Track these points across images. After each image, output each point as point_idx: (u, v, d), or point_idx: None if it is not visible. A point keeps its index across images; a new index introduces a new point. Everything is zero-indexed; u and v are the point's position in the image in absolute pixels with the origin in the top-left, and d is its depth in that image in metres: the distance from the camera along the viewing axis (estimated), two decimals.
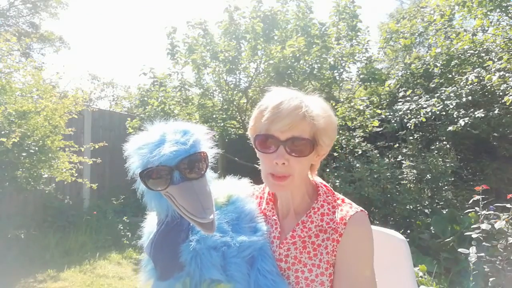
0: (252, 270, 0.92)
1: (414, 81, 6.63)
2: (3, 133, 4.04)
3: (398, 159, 5.32)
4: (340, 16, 5.39)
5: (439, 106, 5.20)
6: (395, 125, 5.73)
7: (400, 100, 5.84)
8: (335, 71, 5.29)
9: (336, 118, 1.01)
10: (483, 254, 2.90)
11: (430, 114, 5.22)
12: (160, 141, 0.82)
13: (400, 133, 5.83)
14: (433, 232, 4.12)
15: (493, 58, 5.45)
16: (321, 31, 5.31)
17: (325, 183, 1.09)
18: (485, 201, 3.19)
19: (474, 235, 3.05)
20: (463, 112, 5.15)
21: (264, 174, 0.99)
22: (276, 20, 5.22)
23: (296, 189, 1.01)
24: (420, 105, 5.37)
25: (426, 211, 4.65)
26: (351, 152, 5.51)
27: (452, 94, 5.25)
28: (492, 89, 5.12)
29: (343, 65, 5.31)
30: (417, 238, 4.18)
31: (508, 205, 3.04)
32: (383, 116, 5.51)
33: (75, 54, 25.60)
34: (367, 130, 5.41)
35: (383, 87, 6.41)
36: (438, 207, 4.69)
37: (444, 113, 5.30)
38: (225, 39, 5.32)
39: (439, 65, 6.00)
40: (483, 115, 4.88)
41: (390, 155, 5.47)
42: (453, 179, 5.05)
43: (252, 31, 5.07)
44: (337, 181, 4.68)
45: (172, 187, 0.82)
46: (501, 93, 4.89)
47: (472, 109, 5.14)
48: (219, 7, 10.88)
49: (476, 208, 3.22)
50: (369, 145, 5.53)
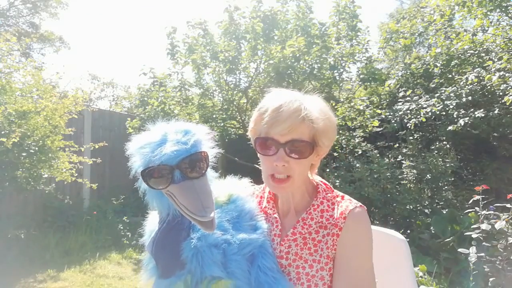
0: (252, 267, 0.93)
1: (414, 81, 6.63)
2: (3, 133, 4.04)
3: (398, 159, 5.32)
4: (340, 16, 5.39)
5: (439, 106, 5.20)
6: (395, 125, 5.73)
7: (400, 100, 5.84)
8: (335, 71, 5.28)
9: (335, 118, 1.01)
10: (483, 254, 2.90)
11: (430, 114, 5.22)
12: (161, 141, 0.84)
13: (400, 133, 5.83)
14: (433, 232, 4.12)
15: (493, 58, 5.45)
16: (321, 31, 5.31)
17: (324, 181, 1.11)
18: (485, 201, 3.19)
19: (474, 235, 3.05)
20: (463, 112, 5.15)
21: (265, 175, 1.01)
22: (276, 20, 5.22)
23: (296, 188, 1.03)
24: (420, 105, 5.37)
25: (426, 211, 4.65)
26: (351, 152, 5.51)
27: (452, 94, 5.26)
28: (492, 89, 5.12)
29: (343, 65, 5.30)
30: (417, 238, 4.18)
31: (508, 205, 3.04)
32: (383, 116, 5.51)
33: (75, 54, 25.62)
34: (367, 130, 5.41)
35: (383, 87, 6.41)
36: (438, 207, 4.69)
37: (444, 113, 5.30)
38: (225, 39, 5.32)
39: (439, 65, 6.00)
40: (483, 115, 4.88)
41: (390, 155, 5.47)
42: (453, 179, 5.05)
43: (252, 31, 5.07)
44: (337, 181, 4.68)
45: (173, 186, 0.82)
46: (501, 93, 4.89)
47: (472, 109, 5.14)
48: (219, 7, 10.88)
49: (476, 208, 3.22)
50: (369, 145, 5.54)
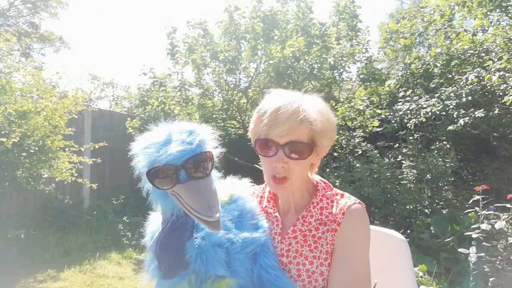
0: (255, 265, 0.94)
1: (414, 81, 6.63)
2: (3, 133, 4.04)
3: (398, 159, 5.32)
4: (340, 16, 5.39)
5: (439, 106, 5.20)
6: (395, 125, 5.73)
7: (400, 100, 5.84)
8: (335, 71, 5.28)
9: (335, 118, 1.02)
10: (483, 254, 2.90)
11: (430, 114, 5.22)
12: (166, 141, 0.84)
13: (400, 133, 5.83)
14: (433, 232, 4.12)
15: (493, 58, 5.45)
16: (321, 31, 5.31)
17: (324, 180, 1.12)
18: (485, 201, 3.19)
19: (474, 235, 3.05)
20: (463, 112, 5.15)
21: (266, 176, 1.02)
22: (276, 20, 5.22)
23: (296, 187, 1.04)
24: (420, 105, 5.37)
25: (426, 211, 4.65)
26: (351, 152, 5.51)
27: (452, 94, 5.26)
28: (492, 89, 5.12)
29: (343, 65, 5.30)
30: (417, 238, 4.18)
31: (508, 205, 3.04)
32: (383, 116, 5.51)
33: (75, 54, 25.64)
34: (367, 130, 5.41)
35: (383, 87, 6.41)
36: (438, 207, 4.69)
37: (444, 113, 5.30)
38: (225, 39, 5.32)
39: (439, 65, 6.00)
40: (483, 115, 4.88)
41: (390, 155, 5.47)
42: (453, 179, 5.05)
43: (252, 31, 5.07)
44: (337, 181, 4.68)
45: (178, 186, 0.83)
46: (501, 93, 4.89)
47: (472, 109, 5.14)
48: (219, 7, 10.87)
49: (476, 208, 3.22)
50: (369, 145, 5.54)
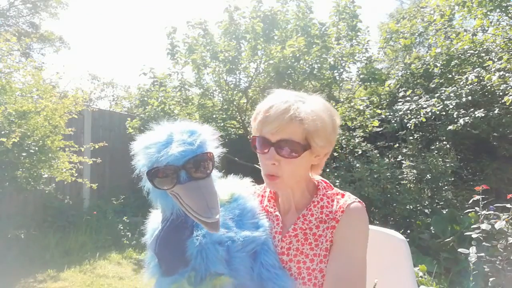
0: (255, 264, 0.95)
1: (414, 81, 6.63)
2: (3, 133, 4.04)
3: (398, 159, 5.32)
4: (340, 16, 5.39)
5: (439, 106, 5.20)
6: (395, 125, 5.73)
7: (400, 100, 5.84)
8: (335, 71, 5.29)
9: (335, 119, 1.01)
10: (483, 254, 2.90)
11: (430, 114, 5.22)
12: (167, 141, 0.84)
13: (400, 133, 5.83)
14: (433, 232, 4.12)
15: (493, 58, 5.45)
16: (321, 31, 5.31)
17: (325, 179, 1.13)
18: (485, 201, 3.19)
19: (474, 235, 3.05)
20: (463, 112, 5.15)
21: (262, 173, 1.04)
22: (276, 20, 5.22)
23: (295, 186, 1.05)
24: (420, 105, 5.37)
25: (426, 211, 4.65)
26: (351, 152, 5.51)
27: (452, 94, 5.26)
28: (492, 89, 5.12)
29: (343, 65, 5.30)
30: (417, 238, 4.18)
31: (508, 205, 3.04)
32: (383, 116, 5.51)
33: (75, 54, 25.61)
34: (367, 130, 5.41)
35: (383, 87, 6.41)
36: (438, 207, 4.69)
37: (444, 113, 5.30)
38: (225, 39, 5.32)
39: (439, 65, 6.00)
40: (483, 115, 4.88)
41: (390, 155, 5.47)
42: (453, 179, 5.05)
43: (252, 31, 5.07)
44: (337, 181, 4.69)
45: (178, 186, 0.83)
46: (501, 93, 4.89)
47: (472, 109, 5.14)
48: (219, 7, 10.87)
49: (476, 208, 3.22)
50: (369, 145, 5.54)
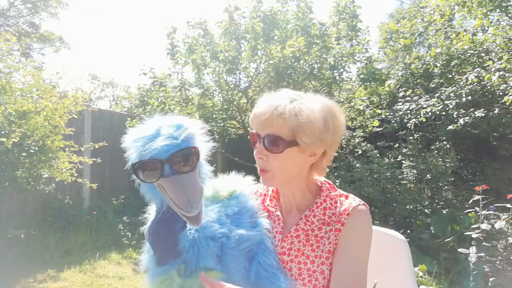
0: (253, 263, 0.95)
1: (414, 81, 6.63)
2: (3, 133, 4.04)
3: (398, 159, 5.32)
4: (340, 16, 5.39)
5: (439, 106, 5.20)
6: (395, 125, 5.73)
7: (400, 100, 5.84)
8: (335, 71, 5.28)
9: (328, 118, 0.97)
10: (483, 254, 2.90)
11: (430, 114, 5.22)
12: (154, 135, 0.85)
13: (400, 133, 5.83)
14: (433, 232, 4.12)
15: (493, 58, 5.45)
16: (321, 31, 5.31)
17: (328, 181, 1.13)
18: (485, 201, 3.19)
19: (474, 235, 3.05)
20: (463, 112, 5.15)
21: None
22: (276, 20, 5.22)
23: (295, 186, 1.05)
24: (420, 105, 5.37)
25: (426, 211, 4.65)
26: (351, 152, 5.51)
27: (452, 94, 5.25)
28: (492, 89, 5.12)
29: (343, 65, 5.30)
30: (417, 238, 4.18)
31: (508, 205, 3.04)
32: (383, 116, 5.51)
33: (75, 54, 25.63)
34: (367, 130, 5.41)
35: (383, 87, 6.41)
36: (438, 207, 4.69)
37: (444, 113, 5.30)
38: (225, 39, 5.32)
39: (439, 65, 6.00)
40: (483, 115, 4.88)
41: (390, 155, 5.47)
42: (453, 179, 5.05)
43: (252, 31, 5.07)
44: (337, 181, 4.69)
45: (162, 180, 0.84)
46: (501, 93, 4.89)
47: (472, 109, 5.14)
48: (219, 7, 10.86)
49: (476, 208, 3.22)
50: (369, 145, 5.54)
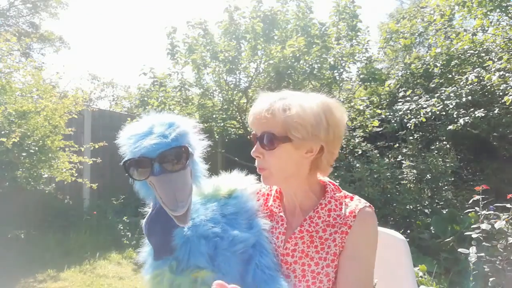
0: (250, 265, 0.95)
1: (414, 81, 6.63)
2: (3, 133, 4.04)
3: (398, 159, 5.32)
4: (340, 16, 5.39)
5: (439, 106, 5.20)
6: (395, 125, 5.73)
7: (400, 100, 5.84)
8: (335, 71, 5.29)
9: (320, 112, 0.96)
10: (483, 254, 2.90)
11: (430, 114, 5.22)
12: (146, 133, 0.85)
13: (400, 133, 5.83)
14: (433, 232, 4.12)
15: (493, 58, 5.45)
16: (321, 31, 5.31)
17: (332, 181, 1.11)
18: (485, 201, 3.19)
19: (474, 235, 3.05)
20: (463, 112, 5.15)
21: None
22: (276, 20, 5.22)
23: (296, 185, 1.04)
24: (420, 105, 5.36)
25: (426, 211, 4.65)
26: (351, 152, 5.51)
27: (452, 94, 5.25)
28: (492, 89, 5.13)
29: (343, 65, 5.31)
30: (417, 238, 4.17)
31: (508, 205, 3.04)
32: (383, 116, 5.51)
33: (75, 54, 25.66)
34: (367, 130, 5.41)
35: (383, 87, 6.41)
36: (438, 207, 4.69)
37: (444, 113, 5.30)
38: (225, 39, 5.32)
39: (439, 65, 6.00)
40: (483, 115, 4.88)
41: (390, 155, 5.47)
42: (453, 179, 5.05)
43: (252, 31, 5.07)
44: (337, 181, 4.68)
45: (152, 178, 0.85)
46: (501, 93, 4.89)
47: (472, 109, 5.14)
48: (219, 7, 10.87)
49: (476, 208, 3.22)
50: (369, 145, 5.54)
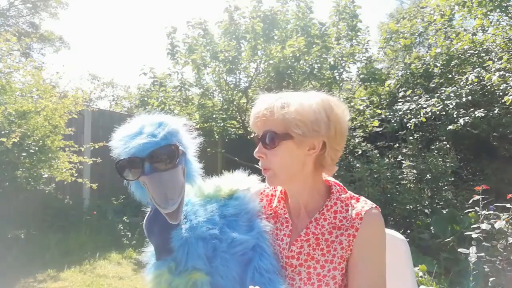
0: (249, 268, 0.94)
1: (414, 81, 6.63)
2: (3, 133, 4.04)
3: (398, 159, 5.32)
4: (340, 16, 5.39)
5: (439, 106, 5.20)
6: (395, 125, 5.73)
7: (400, 100, 5.84)
8: (335, 71, 5.29)
9: (320, 107, 0.96)
10: (483, 254, 2.90)
11: (430, 114, 5.22)
12: (136, 133, 0.87)
13: (400, 133, 5.83)
14: (433, 232, 4.12)
15: (493, 58, 5.45)
16: (321, 31, 5.31)
17: (339, 182, 1.10)
18: (485, 201, 3.19)
19: (474, 235, 3.05)
20: (463, 112, 5.16)
21: None
22: (276, 20, 5.22)
23: (300, 185, 1.03)
24: (420, 105, 5.37)
25: (426, 211, 4.65)
26: (351, 152, 5.51)
27: (452, 94, 5.25)
28: (492, 89, 5.13)
29: (343, 65, 5.31)
30: (417, 238, 4.18)
31: (508, 205, 3.04)
32: (383, 116, 5.51)
33: (75, 54, 25.69)
34: (367, 130, 5.41)
35: (383, 87, 6.41)
36: (438, 207, 4.69)
37: (444, 113, 5.30)
38: (225, 39, 5.32)
39: (439, 65, 6.00)
40: (483, 115, 4.88)
41: (390, 155, 5.47)
42: (453, 179, 5.05)
43: (252, 31, 5.07)
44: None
45: (143, 177, 0.86)
46: (501, 93, 4.90)
47: (472, 109, 5.14)
48: (219, 7, 10.88)
49: (476, 208, 3.22)
50: (369, 145, 5.53)
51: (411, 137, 5.57)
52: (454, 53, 5.84)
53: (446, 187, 4.98)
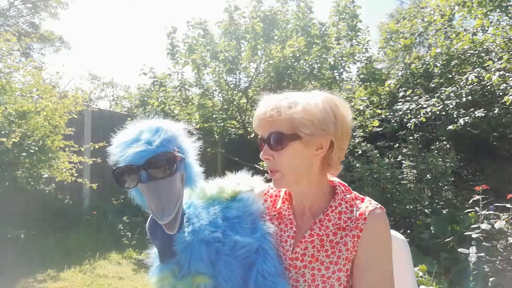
0: (252, 271, 0.93)
1: (414, 81, 6.63)
2: (3, 133, 4.05)
3: (398, 159, 5.32)
4: (340, 16, 5.39)
5: (439, 106, 5.20)
6: (395, 125, 5.73)
7: (400, 100, 5.84)
8: (335, 71, 5.29)
9: (326, 106, 0.96)
10: (483, 254, 2.91)
11: (430, 114, 5.22)
12: (134, 140, 0.85)
13: (400, 133, 5.83)
14: (433, 232, 4.12)
15: (493, 58, 5.45)
16: (321, 31, 5.31)
17: (343, 182, 1.09)
18: (485, 201, 3.19)
19: (474, 235, 3.05)
20: (463, 112, 5.16)
21: None
22: (276, 20, 5.22)
23: (306, 186, 1.01)
24: (420, 105, 5.37)
25: (426, 211, 4.65)
26: (351, 152, 5.51)
27: (452, 94, 5.26)
28: (492, 89, 5.13)
29: (343, 65, 5.31)
30: (417, 238, 4.18)
31: (508, 205, 3.04)
32: (383, 116, 5.51)
33: (75, 54, 25.68)
34: (367, 130, 5.41)
35: (383, 87, 6.41)
36: (438, 207, 4.69)
37: (444, 113, 5.30)
38: (225, 39, 5.32)
39: (439, 65, 6.00)
40: (483, 115, 4.88)
41: (390, 155, 5.47)
42: (453, 179, 5.05)
43: (252, 31, 5.07)
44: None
45: (141, 185, 0.85)
46: (501, 93, 4.90)
47: (472, 109, 5.14)
48: (219, 7, 10.88)
49: (476, 208, 3.22)
50: (369, 145, 5.54)
51: (411, 137, 5.57)
52: (454, 53, 5.84)
53: (446, 187, 4.98)
